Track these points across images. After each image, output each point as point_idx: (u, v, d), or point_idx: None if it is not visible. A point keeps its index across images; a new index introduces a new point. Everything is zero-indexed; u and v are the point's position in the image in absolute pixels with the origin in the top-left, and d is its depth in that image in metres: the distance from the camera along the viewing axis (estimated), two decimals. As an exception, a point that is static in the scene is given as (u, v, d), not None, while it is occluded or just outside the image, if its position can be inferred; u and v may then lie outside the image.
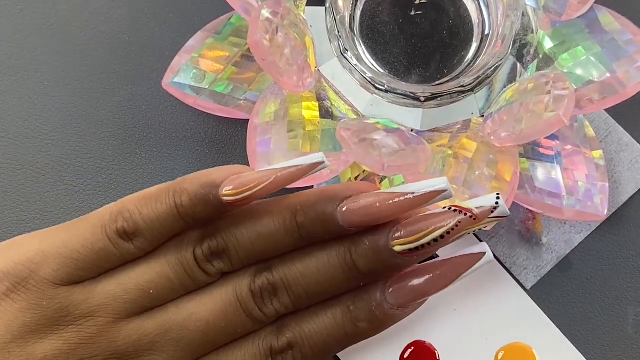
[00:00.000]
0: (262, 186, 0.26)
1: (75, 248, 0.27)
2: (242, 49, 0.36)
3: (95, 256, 0.27)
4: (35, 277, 0.26)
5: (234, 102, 0.35)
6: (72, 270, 0.27)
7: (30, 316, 0.26)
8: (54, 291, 0.27)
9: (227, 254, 0.27)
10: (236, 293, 0.27)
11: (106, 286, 0.27)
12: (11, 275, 0.27)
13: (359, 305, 0.27)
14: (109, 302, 0.27)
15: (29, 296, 0.26)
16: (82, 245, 0.27)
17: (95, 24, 0.39)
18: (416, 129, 0.34)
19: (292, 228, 0.27)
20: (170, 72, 0.36)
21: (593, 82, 0.34)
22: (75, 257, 0.27)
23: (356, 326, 0.27)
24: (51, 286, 0.27)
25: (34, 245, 0.27)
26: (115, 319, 0.27)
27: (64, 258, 0.27)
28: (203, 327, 0.27)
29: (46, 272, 0.26)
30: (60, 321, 0.27)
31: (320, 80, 0.35)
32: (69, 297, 0.27)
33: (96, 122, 0.38)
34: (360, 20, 0.36)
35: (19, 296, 0.26)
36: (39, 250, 0.27)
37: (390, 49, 0.36)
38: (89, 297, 0.27)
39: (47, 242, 0.27)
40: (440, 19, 0.36)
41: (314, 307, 0.28)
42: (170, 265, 0.27)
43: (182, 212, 0.27)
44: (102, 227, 0.27)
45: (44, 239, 0.27)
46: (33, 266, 0.27)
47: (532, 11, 0.35)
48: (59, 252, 0.27)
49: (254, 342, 0.28)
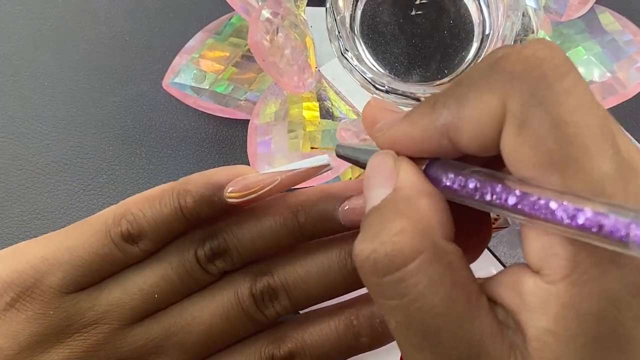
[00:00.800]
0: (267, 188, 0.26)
1: (80, 255, 0.26)
2: (242, 49, 0.36)
3: (101, 261, 0.26)
4: (41, 285, 0.26)
5: (235, 103, 0.35)
6: (78, 277, 0.26)
7: (37, 326, 0.26)
8: (61, 299, 0.26)
9: (228, 253, 0.27)
10: (238, 297, 0.27)
11: (111, 292, 0.27)
12: (15, 284, 0.26)
13: (362, 320, 0.27)
14: (114, 309, 0.27)
15: (35, 306, 0.26)
16: (87, 252, 0.26)
17: (95, 24, 0.39)
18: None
19: (293, 227, 0.27)
20: (171, 73, 0.36)
21: (593, 83, 0.34)
22: (81, 264, 0.26)
23: (358, 340, 0.28)
24: (57, 294, 0.26)
25: (38, 253, 0.27)
26: (120, 325, 0.27)
27: (70, 266, 0.26)
28: (206, 330, 0.27)
29: (52, 280, 0.26)
30: (67, 329, 0.26)
31: (320, 80, 0.34)
32: (75, 305, 0.26)
33: (96, 122, 0.38)
34: (361, 20, 0.36)
35: (24, 306, 0.26)
36: (43, 257, 0.26)
37: (390, 49, 0.36)
38: (94, 304, 0.27)
39: (50, 249, 0.27)
40: (441, 19, 0.36)
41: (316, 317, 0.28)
42: (173, 267, 0.27)
43: (187, 214, 0.27)
44: (106, 231, 0.26)
45: (47, 245, 0.27)
46: (37, 275, 0.26)
47: (532, 11, 0.35)
48: (64, 259, 0.26)
49: (256, 349, 0.28)
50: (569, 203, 0.17)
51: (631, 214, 0.16)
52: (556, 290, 0.17)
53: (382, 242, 0.19)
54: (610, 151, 0.17)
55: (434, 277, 0.18)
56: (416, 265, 0.19)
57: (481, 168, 0.19)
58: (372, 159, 0.21)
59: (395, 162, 0.21)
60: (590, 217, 0.16)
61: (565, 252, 0.17)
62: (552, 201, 0.17)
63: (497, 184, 0.18)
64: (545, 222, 0.17)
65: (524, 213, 0.18)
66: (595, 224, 0.16)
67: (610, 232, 0.16)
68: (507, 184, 0.18)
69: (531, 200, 0.17)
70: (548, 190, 0.17)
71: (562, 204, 0.17)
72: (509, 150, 0.18)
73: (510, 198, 0.18)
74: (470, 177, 0.19)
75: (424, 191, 0.20)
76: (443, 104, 0.20)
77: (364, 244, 0.19)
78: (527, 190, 0.18)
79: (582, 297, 0.17)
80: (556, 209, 0.17)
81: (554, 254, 0.18)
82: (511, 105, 0.18)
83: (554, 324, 0.17)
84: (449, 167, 0.20)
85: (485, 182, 0.19)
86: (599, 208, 0.16)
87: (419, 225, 0.19)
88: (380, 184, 0.21)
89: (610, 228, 0.16)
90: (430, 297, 0.18)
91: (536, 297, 0.18)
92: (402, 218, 0.19)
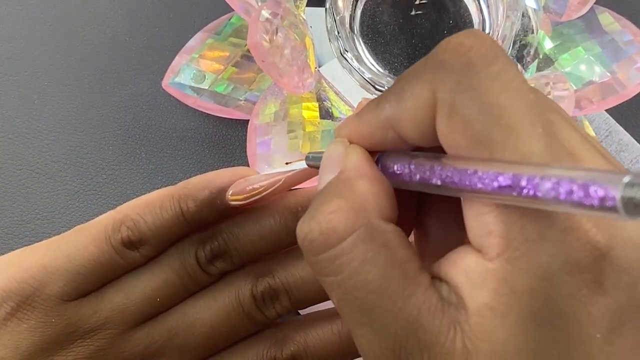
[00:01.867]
0: (270, 190, 0.26)
1: (80, 262, 0.26)
2: (242, 49, 0.36)
3: (102, 269, 0.26)
4: (41, 294, 0.26)
5: (234, 103, 0.35)
6: (79, 285, 0.26)
7: (39, 335, 0.26)
8: (62, 307, 0.26)
9: (228, 254, 0.27)
10: (239, 298, 0.27)
11: (113, 298, 0.27)
12: (14, 294, 0.26)
13: None
14: (116, 315, 0.26)
15: (36, 314, 0.26)
16: (87, 259, 0.26)
17: (95, 24, 0.39)
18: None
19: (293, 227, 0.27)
20: (171, 73, 0.36)
21: (593, 83, 0.34)
22: (82, 272, 0.26)
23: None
24: (59, 302, 0.26)
25: (36, 261, 0.26)
26: (123, 330, 0.27)
27: (70, 274, 0.26)
28: (207, 331, 0.27)
29: (52, 288, 0.26)
30: (69, 337, 0.26)
31: (320, 80, 0.34)
32: (77, 312, 0.26)
33: (96, 122, 0.38)
34: (360, 20, 0.36)
35: (25, 315, 0.26)
36: (42, 266, 0.26)
37: (390, 49, 0.36)
38: (96, 310, 0.26)
39: (49, 256, 0.26)
40: (441, 19, 0.36)
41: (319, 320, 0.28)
42: (174, 270, 0.27)
43: (189, 217, 0.26)
44: (106, 238, 0.26)
45: (45, 253, 0.27)
46: (37, 283, 0.26)
47: (532, 11, 0.35)
48: (64, 267, 0.26)
49: (258, 351, 0.28)
50: (492, 169, 0.17)
51: (546, 169, 0.16)
52: (493, 267, 0.18)
53: (318, 221, 0.19)
54: (538, 131, 0.18)
55: (368, 255, 0.19)
56: (349, 243, 0.19)
57: (425, 153, 0.20)
58: (327, 148, 0.22)
59: (345, 149, 0.21)
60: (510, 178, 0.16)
61: (499, 230, 0.18)
62: (478, 170, 0.17)
63: (434, 162, 0.19)
64: (474, 191, 0.18)
65: (456, 186, 0.18)
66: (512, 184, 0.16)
67: (522, 191, 0.16)
68: (443, 161, 0.19)
69: (461, 171, 0.18)
70: (477, 160, 0.18)
71: (487, 172, 0.17)
72: (442, 137, 0.19)
73: (443, 172, 0.18)
74: (412, 161, 0.20)
75: (366, 174, 0.20)
76: (386, 99, 0.20)
77: (303, 224, 0.20)
78: (459, 165, 0.18)
79: (515, 274, 0.17)
80: (482, 175, 0.17)
81: (489, 232, 0.18)
82: (440, 93, 0.18)
83: (492, 300, 0.18)
84: (397, 155, 0.20)
85: (424, 162, 0.19)
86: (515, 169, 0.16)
87: (355, 205, 0.19)
88: (329, 169, 0.21)
89: (523, 186, 0.16)
90: (364, 274, 0.19)
91: (477, 273, 0.18)
92: (339, 198, 0.20)
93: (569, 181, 0.15)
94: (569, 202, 0.15)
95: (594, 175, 0.15)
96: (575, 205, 0.15)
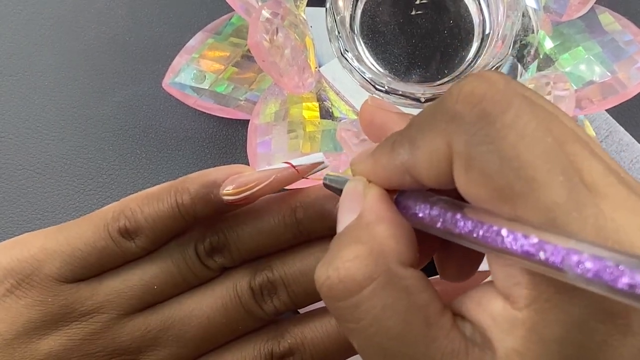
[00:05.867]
0: (261, 186, 0.26)
1: (77, 246, 0.27)
2: (242, 49, 0.36)
3: (98, 254, 0.27)
4: (39, 274, 0.27)
5: (235, 103, 0.35)
6: (75, 268, 0.27)
7: (35, 312, 0.27)
8: (59, 288, 0.27)
9: (228, 249, 0.28)
10: (236, 290, 0.28)
11: (110, 283, 0.27)
12: (15, 272, 0.27)
13: None
14: (113, 299, 0.27)
15: (33, 293, 0.27)
16: (84, 244, 0.27)
17: (95, 24, 0.39)
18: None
19: (292, 224, 0.28)
20: (171, 73, 0.36)
21: (593, 83, 0.34)
22: (78, 255, 0.27)
23: None
24: (55, 283, 0.27)
25: (38, 243, 0.27)
26: (119, 315, 0.27)
27: (67, 256, 0.27)
28: (204, 323, 0.27)
29: (50, 269, 0.27)
30: (65, 317, 0.27)
31: (320, 80, 0.35)
32: (74, 293, 0.27)
33: (96, 122, 0.38)
34: (361, 20, 0.36)
35: (23, 292, 0.27)
36: (42, 247, 0.27)
37: (390, 49, 0.36)
38: (93, 293, 0.27)
39: (50, 240, 0.27)
40: (441, 19, 0.36)
41: (317, 314, 0.28)
42: (173, 260, 0.27)
43: (183, 211, 0.27)
44: (104, 225, 0.27)
45: (48, 236, 0.28)
46: (36, 263, 0.27)
47: (532, 11, 0.35)
48: (62, 249, 0.27)
49: (255, 345, 0.28)
50: (516, 231, 0.17)
51: (571, 242, 0.16)
52: (522, 316, 0.18)
53: (336, 268, 0.19)
54: (559, 179, 0.17)
55: (388, 302, 0.19)
56: (370, 291, 0.19)
57: (447, 197, 0.20)
58: (346, 185, 0.22)
59: (364, 188, 0.21)
60: (534, 244, 0.17)
61: (526, 282, 0.18)
62: (503, 229, 0.17)
63: (457, 211, 0.19)
64: (496, 249, 0.18)
65: (479, 240, 0.18)
66: (536, 251, 0.17)
67: (547, 260, 0.16)
68: (465, 211, 0.19)
69: (485, 227, 0.18)
70: (502, 218, 0.18)
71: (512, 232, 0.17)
72: (462, 189, 0.19)
73: (466, 226, 0.18)
74: (434, 205, 0.20)
75: (385, 217, 0.20)
76: (400, 144, 0.20)
77: (321, 269, 0.20)
78: (481, 219, 0.18)
79: (546, 324, 0.18)
80: (506, 235, 0.17)
81: (516, 282, 0.18)
82: (456, 146, 0.18)
83: (521, 346, 0.18)
84: (418, 196, 0.20)
85: (446, 210, 0.19)
86: (542, 236, 0.17)
87: (374, 251, 0.19)
88: (348, 209, 0.21)
89: (547, 256, 0.16)
90: (385, 321, 0.19)
91: (504, 319, 0.18)
92: (357, 244, 0.20)
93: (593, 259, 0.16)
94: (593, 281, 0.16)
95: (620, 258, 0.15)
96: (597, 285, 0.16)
